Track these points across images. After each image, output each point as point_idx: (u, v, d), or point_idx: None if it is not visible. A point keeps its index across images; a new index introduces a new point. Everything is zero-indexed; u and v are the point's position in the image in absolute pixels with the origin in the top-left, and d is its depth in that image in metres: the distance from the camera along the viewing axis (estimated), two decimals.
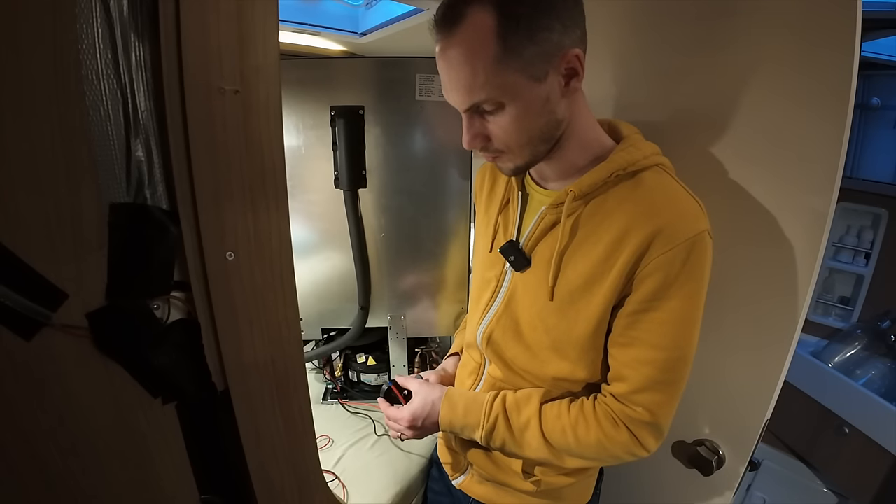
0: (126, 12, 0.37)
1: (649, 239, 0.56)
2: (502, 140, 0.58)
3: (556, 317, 0.64)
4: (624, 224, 0.58)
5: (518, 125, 0.56)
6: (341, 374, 1.28)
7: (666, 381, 0.60)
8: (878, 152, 1.62)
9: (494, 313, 0.72)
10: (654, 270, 0.56)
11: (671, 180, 0.61)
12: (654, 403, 0.61)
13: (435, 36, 0.55)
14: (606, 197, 0.61)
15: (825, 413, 1.44)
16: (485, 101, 0.55)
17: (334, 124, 1.04)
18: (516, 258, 0.67)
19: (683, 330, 0.59)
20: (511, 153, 0.60)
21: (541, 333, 0.67)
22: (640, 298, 0.58)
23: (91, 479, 0.42)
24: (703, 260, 0.57)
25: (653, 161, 0.61)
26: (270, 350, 0.51)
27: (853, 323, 1.67)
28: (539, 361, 0.69)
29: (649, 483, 0.95)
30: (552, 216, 0.64)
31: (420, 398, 0.76)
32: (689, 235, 0.55)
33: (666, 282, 0.56)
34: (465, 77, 0.54)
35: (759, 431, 0.75)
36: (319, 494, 0.62)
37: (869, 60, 1.46)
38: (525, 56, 0.52)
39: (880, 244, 1.61)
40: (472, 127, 0.59)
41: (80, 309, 0.38)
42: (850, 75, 0.59)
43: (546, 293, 0.64)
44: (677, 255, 0.55)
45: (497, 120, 0.57)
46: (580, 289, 0.61)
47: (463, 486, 0.84)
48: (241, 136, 0.43)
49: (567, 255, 0.63)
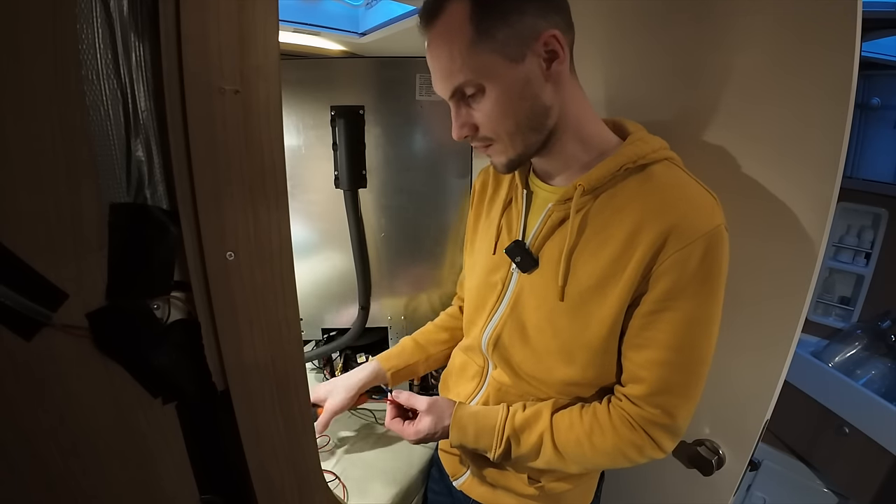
0: (126, 12, 0.37)
1: (664, 235, 0.54)
2: (489, 127, 0.59)
3: (566, 319, 0.62)
4: (636, 220, 0.56)
5: (501, 108, 0.57)
6: (341, 374, 1.27)
7: (683, 383, 0.59)
8: (878, 152, 1.62)
9: (501, 317, 0.70)
10: (669, 268, 0.54)
11: (683, 174, 0.60)
12: (672, 405, 0.59)
13: (420, 31, 0.59)
14: (616, 192, 0.59)
15: (825, 413, 1.44)
16: (464, 83, 0.56)
17: (334, 124, 1.04)
18: (523, 259, 0.65)
19: (702, 329, 0.57)
20: (501, 142, 0.60)
21: (548, 337, 0.65)
22: (655, 297, 0.56)
23: (91, 479, 0.42)
24: (721, 255, 0.55)
25: (662, 155, 0.60)
26: (271, 350, 0.51)
27: (853, 323, 1.67)
28: (545, 367, 0.67)
29: (649, 483, 0.95)
30: (560, 213, 0.62)
31: (429, 421, 0.72)
32: (706, 231, 0.54)
33: (682, 280, 0.54)
34: (445, 63, 0.57)
35: (760, 431, 0.75)
36: (320, 494, 0.62)
37: (869, 60, 1.46)
38: (499, 38, 0.54)
39: (880, 244, 1.61)
40: (459, 116, 0.60)
41: (80, 309, 0.38)
42: (850, 75, 0.59)
43: (556, 294, 0.62)
44: (694, 251, 0.54)
45: (481, 105, 0.58)
46: (592, 289, 0.59)
47: (463, 488, 0.84)
48: (241, 136, 0.43)
49: (577, 253, 0.61)
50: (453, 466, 0.87)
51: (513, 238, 0.68)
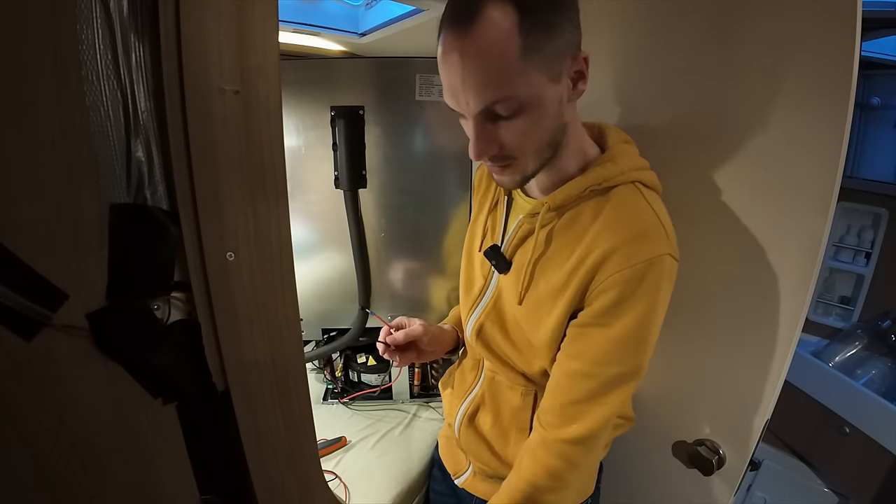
0: (126, 13, 0.37)
1: (606, 255, 0.55)
2: (515, 146, 0.55)
3: (525, 320, 0.66)
4: (590, 240, 0.58)
5: (534, 129, 0.54)
6: (342, 374, 1.28)
7: (603, 395, 0.60)
8: (878, 152, 1.62)
9: (483, 309, 0.73)
10: (608, 287, 0.56)
11: (641, 199, 0.59)
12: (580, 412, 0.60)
13: (445, 34, 0.51)
14: (580, 210, 0.60)
15: (826, 413, 1.44)
16: (504, 100, 0.50)
17: (334, 124, 1.04)
18: (498, 262, 0.69)
19: (632, 347, 0.58)
20: (522, 161, 0.57)
21: (522, 332, 0.69)
22: (592, 313, 0.58)
23: (92, 480, 0.42)
24: (660, 282, 0.55)
25: (629, 177, 0.60)
26: (271, 350, 0.51)
27: (853, 323, 1.67)
28: (525, 358, 0.70)
29: (650, 483, 0.95)
30: (528, 226, 0.65)
31: None
32: (647, 257, 0.54)
33: (620, 299, 0.55)
34: (481, 77, 0.50)
35: (760, 431, 0.75)
36: (320, 494, 0.62)
37: (869, 60, 1.46)
38: (545, 53, 0.49)
39: (880, 244, 1.61)
40: (483, 133, 0.54)
41: (80, 309, 0.38)
42: (850, 75, 0.59)
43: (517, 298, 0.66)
44: (633, 274, 0.54)
45: (512, 124, 0.53)
46: (547, 297, 0.62)
47: (465, 485, 0.84)
48: (241, 136, 0.43)
49: (541, 264, 0.63)
50: (454, 465, 0.87)
51: (494, 240, 0.72)
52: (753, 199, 0.71)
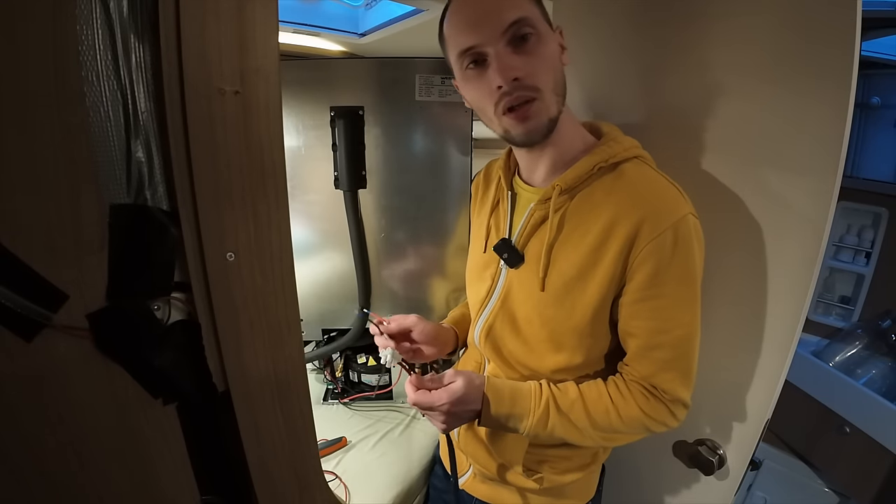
0: (126, 13, 0.37)
1: (636, 228, 0.58)
2: (536, 76, 0.58)
3: (552, 308, 0.66)
4: (610, 215, 0.60)
5: (548, 62, 0.59)
6: (342, 374, 1.28)
7: (676, 358, 0.63)
8: (878, 152, 1.62)
9: (492, 310, 0.73)
10: (646, 258, 0.58)
11: (650, 170, 0.64)
12: (672, 381, 0.63)
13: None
14: (592, 190, 0.63)
15: (826, 412, 1.44)
16: (523, 20, 0.56)
17: (334, 125, 1.04)
18: (510, 255, 0.69)
19: (684, 309, 0.61)
20: (545, 97, 0.59)
21: (537, 327, 0.68)
22: (636, 287, 0.60)
23: (92, 480, 0.42)
24: (690, 240, 0.59)
25: (633, 153, 0.64)
26: (271, 350, 0.51)
27: (854, 322, 1.67)
28: (536, 356, 0.70)
29: (650, 483, 0.95)
30: (541, 212, 0.66)
31: (463, 382, 0.65)
32: (674, 220, 0.58)
33: (659, 267, 0.59)
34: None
35: (760, 431, 0.75)
36: (320, 494, 0.62)
37: (869, 60, 1.46)
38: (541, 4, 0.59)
39: (881, 243, 1.61)
40: (505, 59, 0.57)
41: (80, 310, 0.38)
42: (850, 75, 0.59)
43: (539, 285, 0.65)
44: (665, 240, 0.58)
45: (529, 53, 0.58)
46: (574, 279, 0.63)
47: (466, 486, 0.84)
48: (241, 136, 0.43)
49: (557, 247, 0.65)
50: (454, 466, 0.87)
51: (501, 236, 0.72)
52: (753, 199, 0.71)
